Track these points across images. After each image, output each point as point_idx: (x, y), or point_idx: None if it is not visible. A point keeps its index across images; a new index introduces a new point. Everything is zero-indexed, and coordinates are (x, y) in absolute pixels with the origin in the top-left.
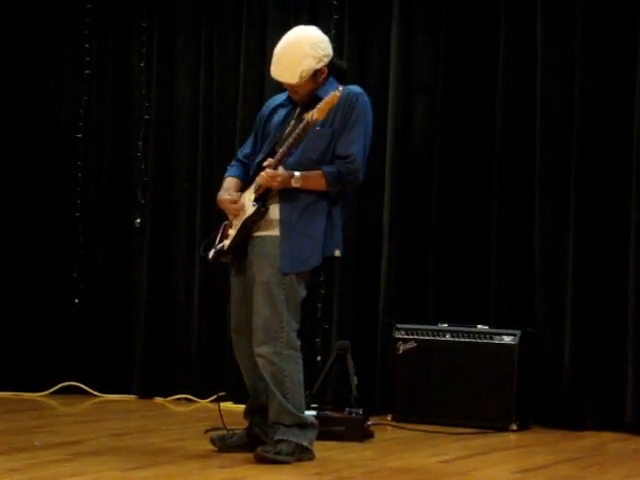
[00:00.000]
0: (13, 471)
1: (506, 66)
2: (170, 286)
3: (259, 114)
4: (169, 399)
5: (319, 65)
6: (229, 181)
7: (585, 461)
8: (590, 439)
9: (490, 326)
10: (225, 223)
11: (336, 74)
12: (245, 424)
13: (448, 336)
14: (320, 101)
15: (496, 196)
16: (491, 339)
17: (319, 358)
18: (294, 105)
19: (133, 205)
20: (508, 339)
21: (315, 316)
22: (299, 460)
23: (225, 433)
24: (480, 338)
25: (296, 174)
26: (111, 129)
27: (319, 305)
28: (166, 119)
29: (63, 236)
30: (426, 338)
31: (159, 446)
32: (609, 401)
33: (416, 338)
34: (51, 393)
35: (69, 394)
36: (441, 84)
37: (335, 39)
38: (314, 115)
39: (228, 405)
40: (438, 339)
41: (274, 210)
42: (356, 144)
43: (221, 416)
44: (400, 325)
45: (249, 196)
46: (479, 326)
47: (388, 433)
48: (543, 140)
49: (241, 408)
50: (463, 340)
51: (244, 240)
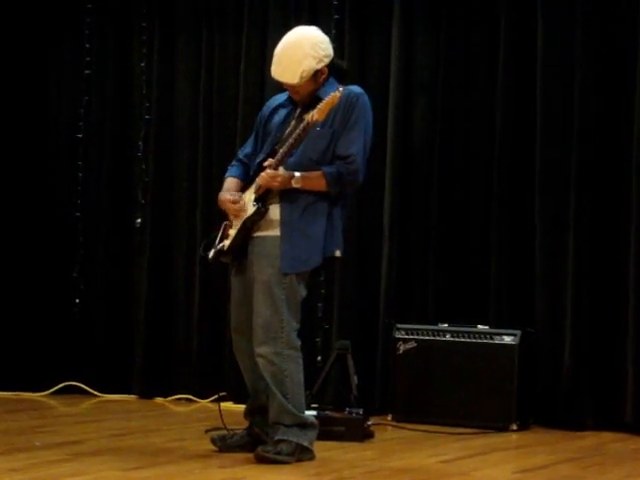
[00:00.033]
0: (13, 471)
1: (506, 66)
2: (170, 286)
3: (260, 114)
4: (169, 399)
5: (320, 65)
6: (230, 181)
7: (585, 461)
8: (590, 439)
9: (490, 326)
10: (225, 223)
11: (336, 74)
12: (245, 424)
13: (448, 336)
14: (320, 101)
15: (496, 196)
16: (491, 339)
17: (319, 358)
18: (294, 105)
19: (133, 205)
20: (508, 339)
21: (315, 316)
22: (299, 460)
23: (225, 433)
24: (480, 338)
25: (296, 175)
26: (111, 129)
27: (319, 305)
28: (166, 119)
29: (63, 236)
30: (426, 338)
31: (159, 446)
32: (609, 401)
33: (416, 338)
34: (51, 393)
35: (69, 394)
36: (441, 84)
37: (335, 39)
38: (314, 116)
39: (228, 405)
40: (438, 339)
41: (274, 210)
42: (356, 144)
43: (221, 416)
44: (400, 325)
45: (249, 196)
46: (479, 326)
47: (388, 433)
48: (543, 140)
49: (241, 408)
50: (463, 340)
51: (244, 240)
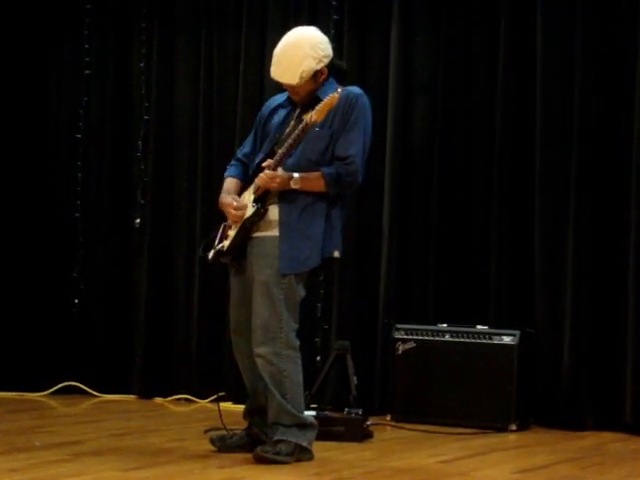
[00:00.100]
0: (13, 471)
1: (506, 66)
2: (170, 286)
3: (259, 114)
4: (169, 399)
5: (319, 66)
6: (229, 181)
7: (585, 461)
8: (590, 439)
9: (490, 326)
10: (225, 224)
11: (336, 74)
12: (244, 424)
13: (448, 336)
14: (319, 102)
15: (496, 196)
16: (491, 339)
17: (318, 358)
18: (294, 106)
19: (133, 205)
20: (508, 339)
21: (314, 316)
22: (298, 460)
23: (225, 433)
24: (480, 338)
25: (295, 176)
26: (111, 129)
27: (319, 305)
28: (166, 119)
29: (63, 236)
30: (426, 338)
31: (159, 446)
32: (609, 401)
33: (416, 338)
34: (51, 393)
35: (69, 394)
36: (441, 84)
37: (335, 39)
38: (313, 117)
39: (228, 405)
40: (438, 339)
41: (273, 211)
42: (355, 145)
43: (221, 416)
44: (400, 325)
45: (248, 197)
46: (479, 326)
47: (387, 433)
48: (543, 140)
49: (241, 408)
50: (463, 340)
51: (243, 241)
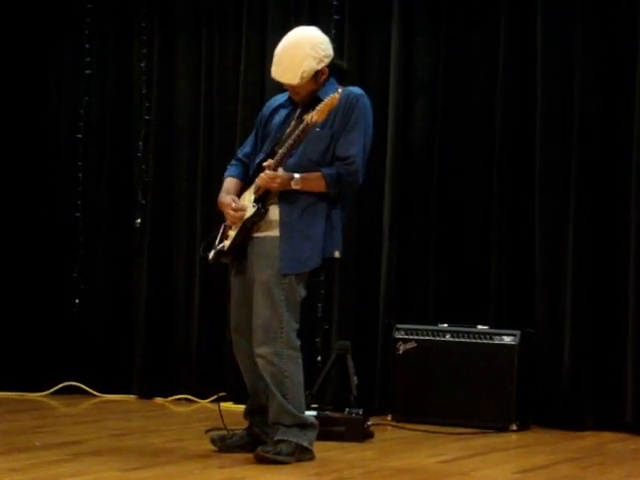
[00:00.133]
0: (13, 471)
1: (506, 66)
2: (170, 286)
3: (260, 114)
4: (169, 399)
5: (320, 66)
6: (229, 181)
7: (585, 461)
8: (590, 439)
9: (490, 326)
10: (225, 224)
11: (337, 74)
12: (245, 424)
13: (448, 336)
14: (320, 102)
15: (496, 196)
16: (491, 339)
17: (319, 358)
18: (295, 106)
19: (133, 205)
20: (508, 339)
21: (315, 316)
22: (299, 460)
23: (225, 433)
24: (480, 338)
25: (296, 176)
26: (111, 129)
27: (319, 305)
28: (166, 119)
29: (63, 236)
30: (426, 338)
31: (159, 446)
32: (609, 401)
33: (416, 338)
34: (51, 393)
35: (69, 394)
36: (441, 84)
37: (335, 39)
38: (313, 117)
39: (228, 405)
40: (438, 339)
41: (274, 211)
42: (356, 146)
43: (221, 416)
44: (400, 325)
45: (249, 197)
46: (479, 326)
47: (388, 433)
48: (543, 140)
49: (241, 408)
50: (463, 340)
51: (244, 241)
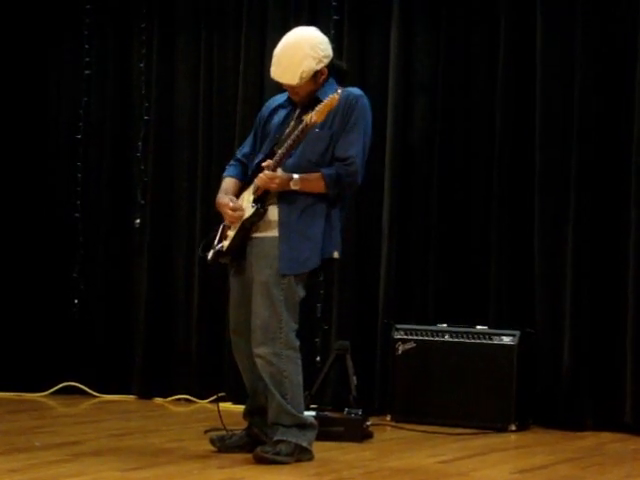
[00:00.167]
0: (13, 471)
1: (506, 66)
2: (170, 286)
3: (259, 114)
4: (169, 399)
5: (319, 66)
6: (228, 182)
7: (584, 461)
8: (589, 439)
9: (489, 326)
10: (224, 224)
11: (336, 75)
12: (244, 424)
13: (447, 336)
14: (319, 103)
15: (496, 196)
16: (490, 339)
17: (318, 358)
18: (294, 106)
19: (133, 205)
20: (507, 339)
21: (314, 316)
22: (298, 460)
23: (224, 433)
24: (479, 338)
25: (295, 177)
26: (111, 129)
27: (318, 305)
28: (166, 119)
29: (63, 236)
30: (425, 338)
31: (159, 446)
32: (609, 401)
33: (415, 338)
34: (51, 393)
35: (69, 394)
36: (441, 84)
37: (335, 40)
38: (313, 117)
39: (227, 405)
40: (437, 339)
41: (273, 211)
42: (355, 146)
43: (220, 416)
44: (399, 325)
45: (248, 197)
46: (478, 326)
47: (387, 433)
48: (543, 140)
49: (240, 408)
50: (462, 340)
51: (243, 241)
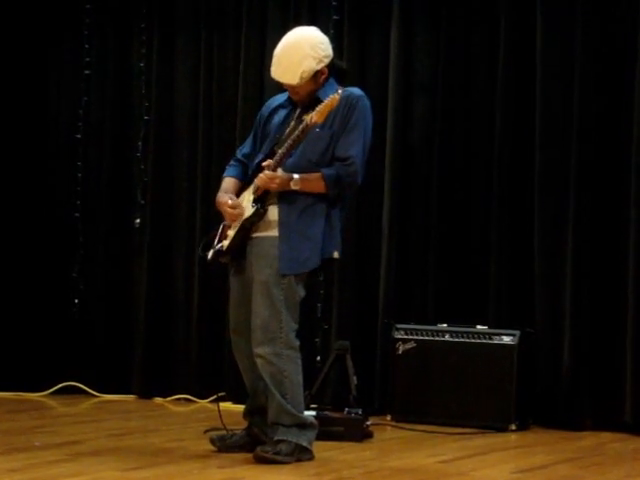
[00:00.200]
0: (13, 471)
1: (506, 66)
2: (170, 286)
3: (259, 114)
4: (169, 399)
5: (319, 66)
6: (228, 181)
7: (584, 461)
8: (589, 439)
9: (489, 326)
10: (224, 223)
11: (336, 75)
12: (244, 424)
13: (447, 336)
14: (319, 103)
15: (496, 196)
16: (490, 339)
17: (318, 358)
18: (294, 106)
19: (133, 205)
20: (507, 339)
21: (314, 316)
22: (298, 460)
23: (225, 433)
24: (479, 338)
25: (295, 177)
26: (111, 129)
27: (318, 305)
28: (166, 119)
29: (63, 236)
30: (425, 338)
31: (159, 446)
32: (608, 401)
33: (415, 338)
34: (51, 393)
35: (69, 394)
36: (441, 84)
37: (335, 39)
38: (313, 118)
39: (228, 405)
40: (437, 339)
41: (273, 211)
42: (355, 146)
43: (220, 416)
44: (399, 325)
45: (248, 197)
46: (478, 326)
47: (387, 433)
48: (543, 140)
49: (241, 408)
50: (462, 340)
51: (243, 241)
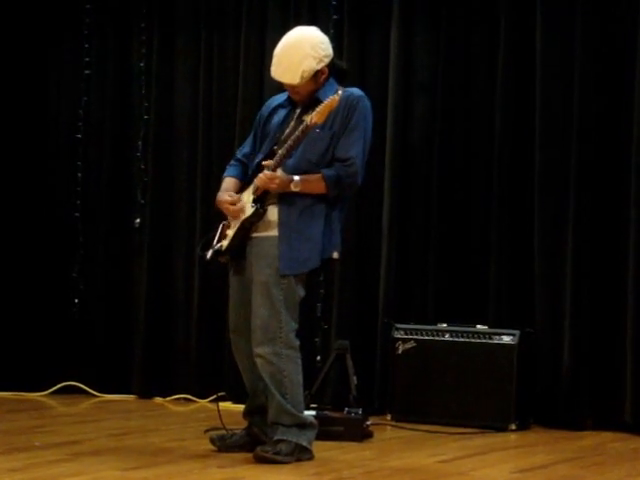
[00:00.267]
0: (13, 471)
1: (506, 66)
2: (170, 286)
3: (259, 114)
4: (168, 399)
5: (320, 66)
6: (228, 181)
7: (584, 461)
8: (589, 439)
9: (489, 326)
10: (223, 223)
11: (336, 74)
12: (244, 424)
13: (447, 336)
14: (319, 103)
15: (496, 196)
16: (490, 339)
17: (318, 358)
18: (294, 106)
19: (133, 205)
20: (507, 339)
21: (314, 316)
22: (298, 460)
23: (224, 433)
24: (479, 338)
25: (295, 178)
26: (111, 129)
27: (318, 305)
28: (166, 119)
29: (63, 236)
30: (425, 338)
31: (159, 446)
32: (608, 401)
33: (415, 338)
34: (51, 393)
35: (69, 394)
36: (441, 84)
37: (334, 39)
38: (313, 118)
39: (227, 405)
40: (437, 339)
41: (272, 211)
42: (356, 147)
43: (220, 416)
44: (399, 325)
45: (248, 197)
46: (478, 326)
47: (387, 433)
48: (543, 140)
49: (240, 408)
50: (462, 340)
51: (242, 241)
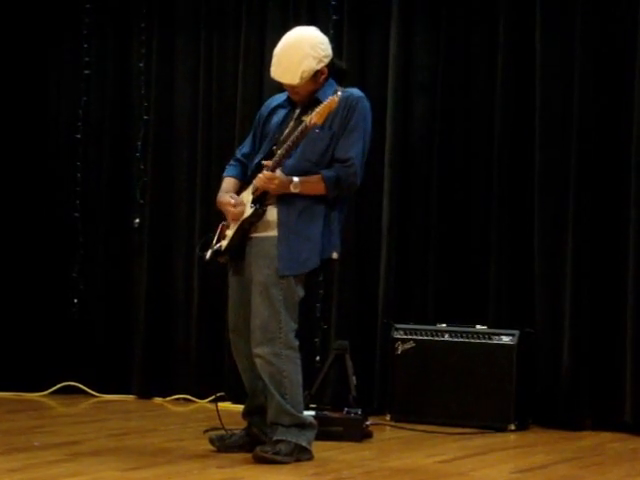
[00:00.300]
0: (12, 471)
1: (506, 66)
2: (170, 286)
3: (258, 114)
4: (168, 399)
5: (319, 66)
6: (228, 181)
7: (584, 461)
8: (589, 439)
9: (489, 326)
10: (223, 223)
11: (336, 75)
12: (244, 424)
13: (447, 336)
14: (319, 104)
15: (496, 196)
16: (490, 339)
17: (318, 358)
18: (293, 106)
19: (132, 205)
20: (507, 339)
21: (314, 316)
22: (298, 460)
23: (224, 433)
24: (479, 338)
25: (295, 180)
26: (110, 129)
27: (318, 305)
28: (166, 119)
29: (63, 236)
30: (425, 338)
31: (158, 446)
32: (608, 401)
33: (415, 338)
34: (50, 393)
35: (68, 394)
36: (441, 84)
37: (334, 39)
38: (312, 119)
39: (227, 405)
40: (437, 339)
41: (272, 212)
42: (355, 148)
43: (219, 416)
44: (399, 325)
45: (247, 197)
46: (478, 326)
47: (387, 433)
48: (543, 140)
49: (240, 408)
50: (462, 340)
51: (241, 241)
